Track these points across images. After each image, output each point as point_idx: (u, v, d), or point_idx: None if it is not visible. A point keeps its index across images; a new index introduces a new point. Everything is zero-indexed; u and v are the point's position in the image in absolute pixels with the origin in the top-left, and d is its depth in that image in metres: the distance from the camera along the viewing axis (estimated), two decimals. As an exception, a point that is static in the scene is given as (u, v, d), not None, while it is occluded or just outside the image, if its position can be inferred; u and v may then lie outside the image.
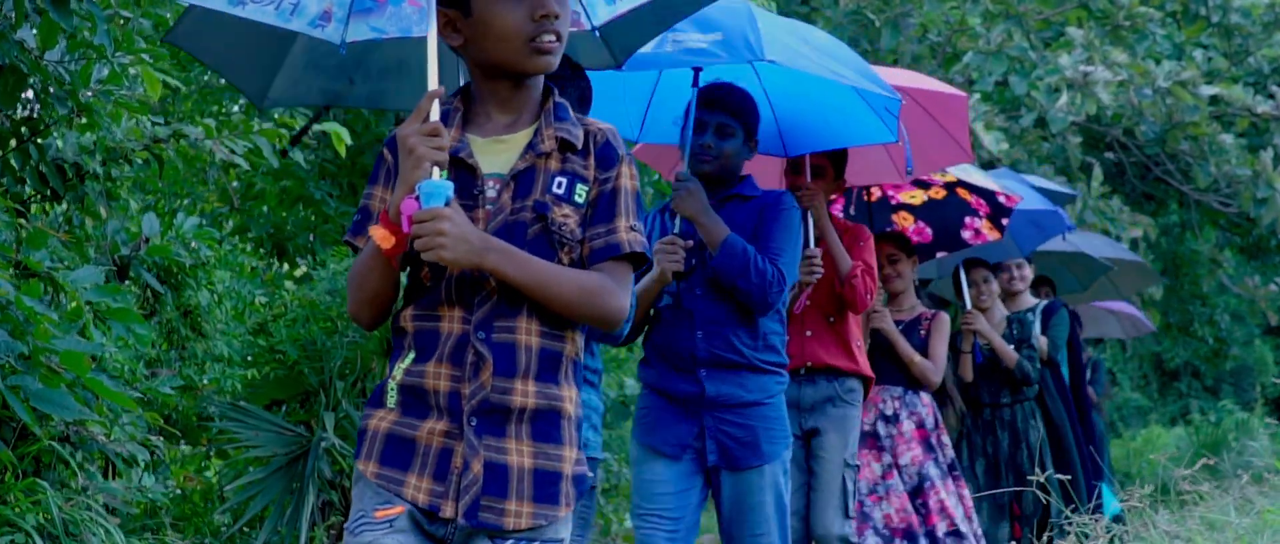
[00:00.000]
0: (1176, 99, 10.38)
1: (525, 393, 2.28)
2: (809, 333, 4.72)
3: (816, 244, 4.60)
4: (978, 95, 10.24)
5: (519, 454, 2.28)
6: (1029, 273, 6.87)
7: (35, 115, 4.63)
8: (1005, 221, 5.94)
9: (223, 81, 7.81)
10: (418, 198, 2.21)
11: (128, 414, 4.53)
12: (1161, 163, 12.67)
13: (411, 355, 2.31)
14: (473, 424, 2.26)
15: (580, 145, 2.36)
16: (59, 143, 4.72)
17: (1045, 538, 4.85)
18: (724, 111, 3.90)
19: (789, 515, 3.88)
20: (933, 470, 5.29)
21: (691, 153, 3.93)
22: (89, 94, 4.43)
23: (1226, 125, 11.68)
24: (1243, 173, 11.04)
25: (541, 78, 2.40)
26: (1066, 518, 4.41)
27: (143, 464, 4.95)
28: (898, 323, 5.58)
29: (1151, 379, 21.85)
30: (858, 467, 4.70)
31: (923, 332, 5.56)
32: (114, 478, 5.17)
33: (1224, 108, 11.23)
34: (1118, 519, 5.71)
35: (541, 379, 2.30)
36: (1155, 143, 11.77)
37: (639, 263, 2.38)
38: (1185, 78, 10.35)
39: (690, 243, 3.82)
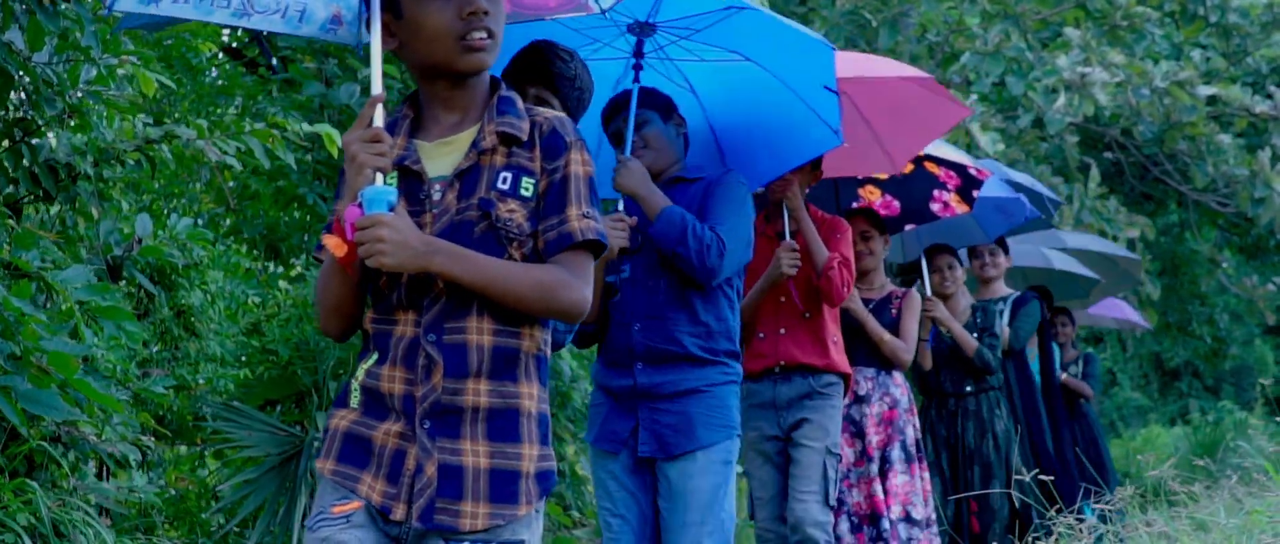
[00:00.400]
0: (1174, 99, 10.38)
1: (477, 392, 2.27)
2: (783, 330, 4.64)
3: (793, 237, 4.54)
4: (975, 96, 10.25)
5: (474, 455, 2.27)
6: (1003, 260, 6.76)
7: (28, 116, 4.64)
8: (975, 194, 5.84)
9: (220, 83, 7.83)
10: (361, 205, 2.21)
11: (119, 414, 4.54)
12: (1160, 163, 12.67)
13: (373, 357, 2.33)
14: (426, 427, 2.26)
15: (525, 137, 2.34)
16: (52, 143, 4.73)
17: (1029, 538, 4.81)
18: (627, 109, 3.87)
19: (730, 517, 3.74)
20: (896, 453, 5.23)
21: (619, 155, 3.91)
22: (77, 95, 4.44)
23: (1224, 125, 11.68)
24: (1240, 173, 11.04)
25: (486, 74, 2.39)
26: (1050, 518, 4.39)
27: (134, 464, 4.96)
28: (868, 302, 5.49)
29: (1152, 379, 21.85)
30: (840, 456, 4.62)
31: (893, 310, 5.48)
32: (108, 479, 5.19)
33: (1222, 108, 11.23)
34: (1103, 519, 5.64)
35: (496, 378, 2.28)
36: (1153, 143, 11.78)
37: (597, 250, 2.35)
38: (1182, 78, 10.35)
39: (634, 219, 3.76)
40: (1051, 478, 5.19)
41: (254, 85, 7.35)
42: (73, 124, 4.60)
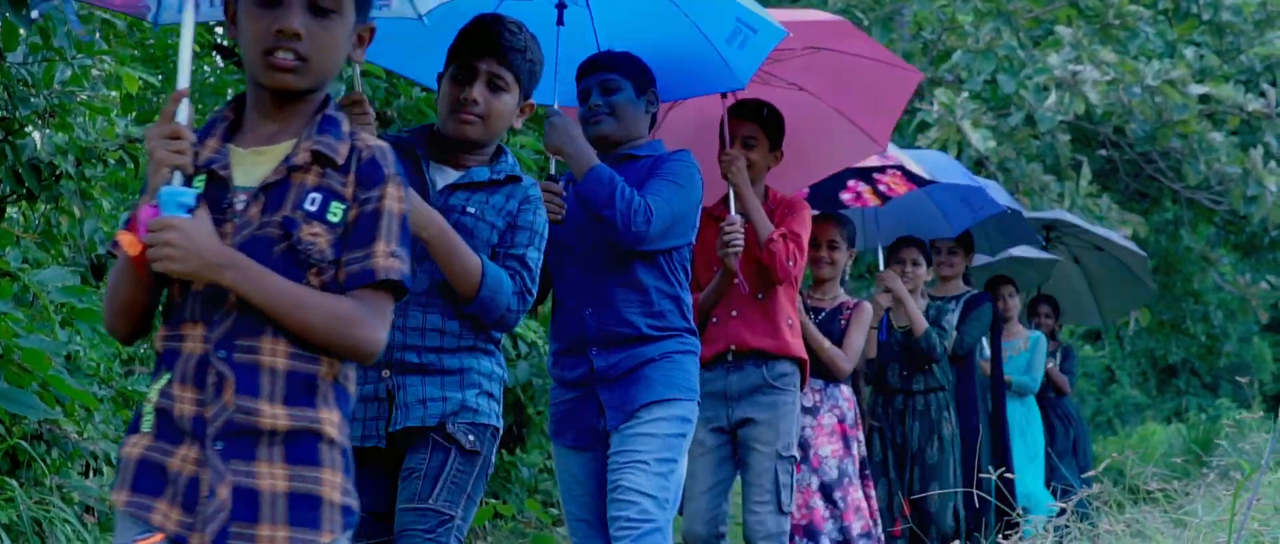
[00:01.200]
0: (1166, 97, 10.39)
1: (274, 416, 2.14)
2: (734, 312, 4.39)
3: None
4: (966, 93, 10.26)
5: (272, 477, 2.14)
6: (960, 260, 6.62)
7: (12, 116, 4.66)
8: (845, 199, 5.63)
9: (211, 81, 7.85)
10: (158, 205, 2.10)
11: (98, 412, 4.56)
12: (1154, 161, 12.69)
13: (165, 376, 2.19)
14: (218, 448, 2.12)
15: (341, 161, 2.20)
16: (37, 142, 4.76)
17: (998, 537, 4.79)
18: (604, 69, 3.70)
19: (680, 480, 3.57)
20: (850, 467, 5.09)
21: (582, 118, 3.72)
22: (53, 94, 4.47)
23: (1218, 123, 11.69)
24: (1233, 171, 11.05)
25: (317, 95, 2.26)
26: (1016, 514, 4.39)
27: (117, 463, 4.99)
28: (819, 311, 5.34)
29: (1150, 376, 21.85)
30: (794, 459, 4.35)
31: (843, 321, 5.33)
32: (93, 476, 5.21)
33: (1215, 106, 11.24)
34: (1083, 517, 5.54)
35: (293, 403, 2.15)
36: (1146, 141, 11.79)
37: (398, 293, 2.23)
38: (1174, 77, 10.36)
39: (562, 185, 3.60)
40: (1010, 475, 5.12)
41: (244, 85, 7.37)
42: (53, 123, 4.63)
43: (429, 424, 2.98)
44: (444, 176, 3.12)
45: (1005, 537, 4.58)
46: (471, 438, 2.99)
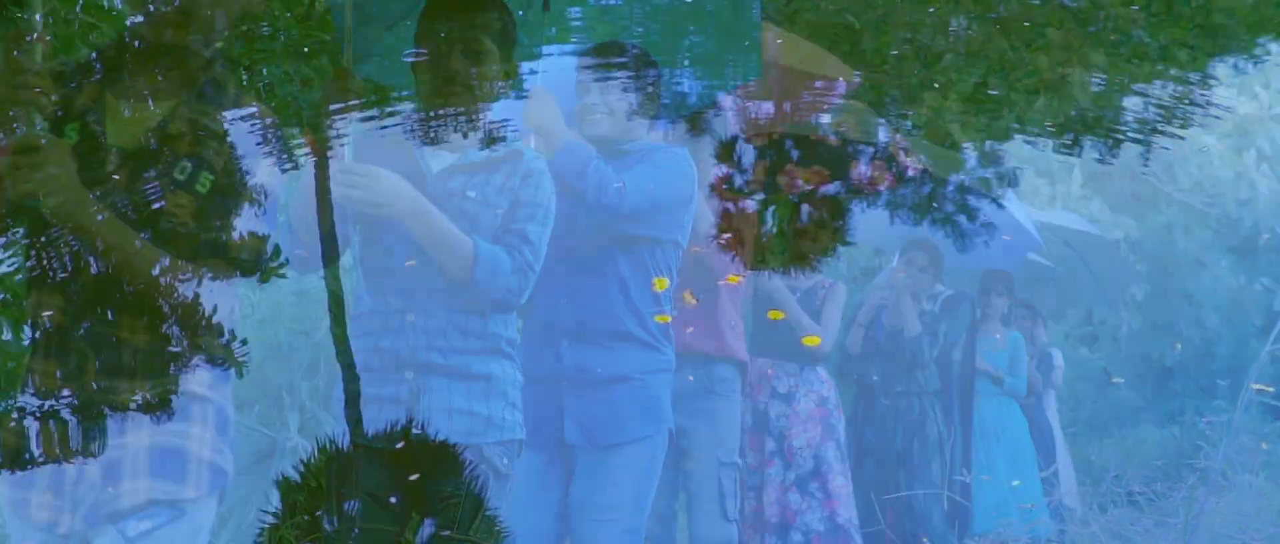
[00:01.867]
0: (1157, 99, 10.41)
1: (134, 390, 2.12)
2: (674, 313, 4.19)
3: None
4: (955, 96, 10.28)
5: (137, 441, 2.12)
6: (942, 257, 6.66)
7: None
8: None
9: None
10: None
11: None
12: (1147, 164, 12.71)
13: (31, 352, 2.16)
14: (83, 427, 2.10)
15: (220, 130, 2.17)
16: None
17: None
18: (609, 65, 3.51)
19: (644, 519, 3.44)
20: (830, 453, 5.01)
21: (577, 113, 3.53)
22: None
23: (1211, 125, 11.70)
24: (1225, 174, 11.06)
25: (207, 52, 2.22)
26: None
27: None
28: (794, 290, 5.20)
29: (1146, 378, 21.85)
30: (737, 465, 4.26)
31: (818, 302, 5.26)
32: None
33: (1207, 108, 11.24)
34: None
35: (156, 375, 2.13)
36: (1139, 142, 11.81)
37: (246, 270, 2.20)
38: (1166, 78, 10.39)
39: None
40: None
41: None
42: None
43: (457, 440, 2.85)
44: (439, 161, 2.99)
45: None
46: (505, 460, 2.93)
